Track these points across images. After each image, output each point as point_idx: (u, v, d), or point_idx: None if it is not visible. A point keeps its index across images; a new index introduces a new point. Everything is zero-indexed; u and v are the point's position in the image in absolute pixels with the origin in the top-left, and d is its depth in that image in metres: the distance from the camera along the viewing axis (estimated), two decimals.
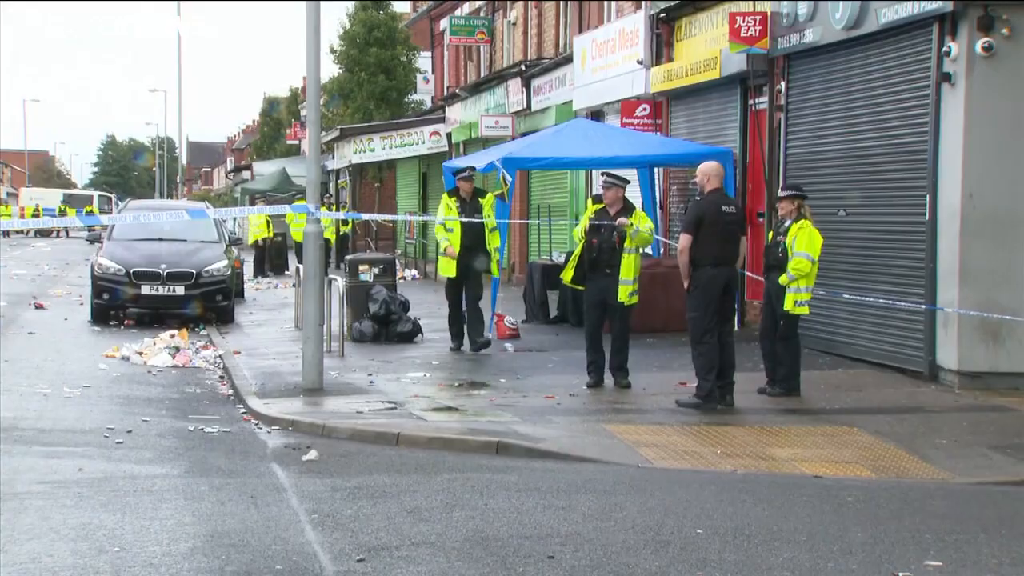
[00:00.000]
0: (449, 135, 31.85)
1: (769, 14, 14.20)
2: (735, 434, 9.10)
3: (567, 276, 11.28)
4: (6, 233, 53.93)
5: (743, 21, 14.22)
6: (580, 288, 11.27)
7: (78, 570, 5.32)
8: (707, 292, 9.99)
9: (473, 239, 13.30)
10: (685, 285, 10.15)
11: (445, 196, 13.64)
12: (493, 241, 13.51)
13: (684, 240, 10.07)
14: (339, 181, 42.56)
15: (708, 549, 5.86)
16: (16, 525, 6.07)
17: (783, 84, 14.22)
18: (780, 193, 10.80)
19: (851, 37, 12.60)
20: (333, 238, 29.11)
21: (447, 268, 13.46)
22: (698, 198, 10.50)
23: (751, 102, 15.27)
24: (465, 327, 13.68)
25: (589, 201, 11.22)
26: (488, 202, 13.52)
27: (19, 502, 6.58)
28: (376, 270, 15.71)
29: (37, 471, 7.47)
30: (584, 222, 10.95)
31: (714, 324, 10.02)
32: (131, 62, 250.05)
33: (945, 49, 11.02)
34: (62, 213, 58.44)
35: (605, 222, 10.73)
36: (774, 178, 14.42)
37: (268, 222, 28.83)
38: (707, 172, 10.24)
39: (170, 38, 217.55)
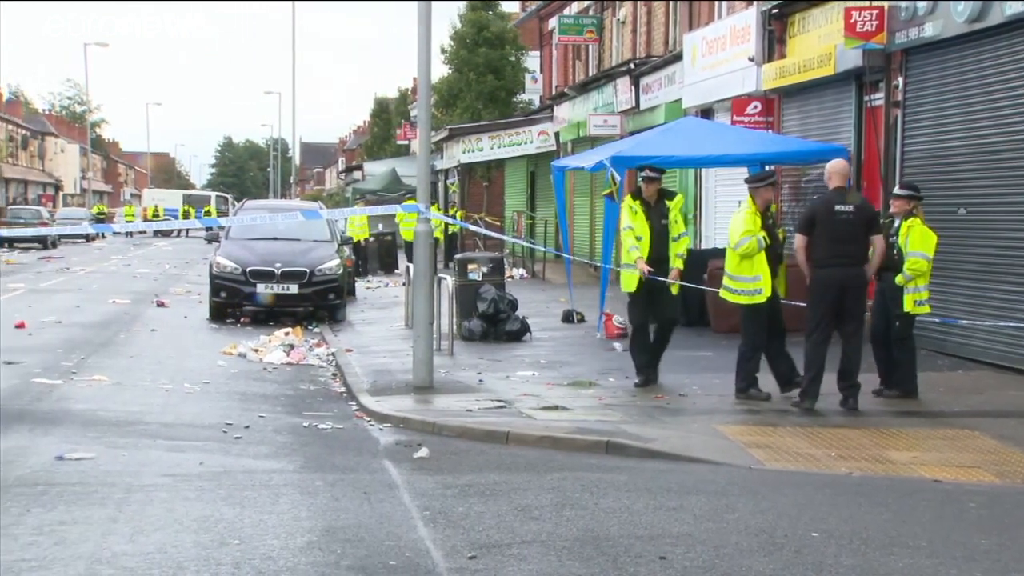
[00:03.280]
0: (557, 134, 31.88)
1: (886, 8, 13.87)
2: (850, 436, 8.92)
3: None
4: (129, 233, 55.92)
5: (859, 16, 13.93)
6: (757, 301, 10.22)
7: (201, 561, 5.47)
8: (816, 292, 9.87)
9: (663, 249, 11.05)
10: (807, 283, 10.05)
11: (628, 199, 11.37)
12: (676, 249, 11.12)
13: (798, 240, 9.98)
14: (449, 182, 42.92)
15: (824, 553, 5.75)
16: (143, 516, 6.28)
17: (901, 80, 13.88)
18: (897, 191, 10.55)
19: (974, 30, 12.24)
20: (442, 237, 29.37)
21: (629, 282, 11.10)
22: (815, 196, 10.33)
23: (866, 98, 14.94)
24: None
25: (749, 202, 10.40)
26: (677, 205, 11.23)
27: (145, 494, 6.80)
28: (485, 269, 15.82)
29: (161, 464, 7.70)
30: (757, 228, 10.14)
31: (821, 325, 9.82)
32: (247, 64, 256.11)
33: None
34: (185, 215, 60.48)
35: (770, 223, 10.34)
36: (890, 176, 14.09)
37: (367, 223, 29.14)
38: (829, 170, 10.08)
39: (284, 40, 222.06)
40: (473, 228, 20.04)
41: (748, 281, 10.24)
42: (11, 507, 6.36)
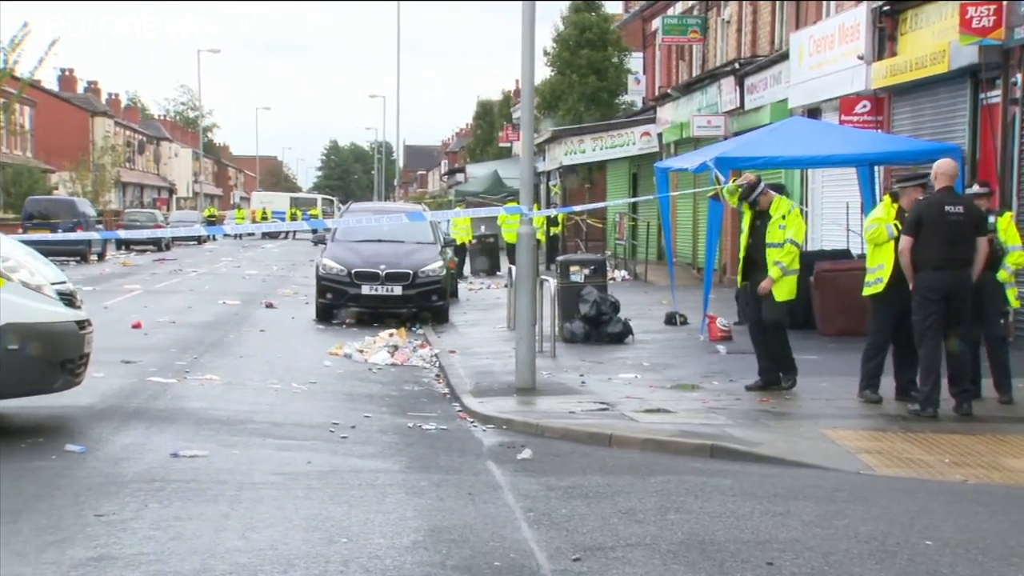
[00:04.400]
0: (660, 135, 31.68)
1: (1005, 3, 13.48)
2: (964, 442, 8.68)
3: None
4: (239, 235, 57.29)
5: (975, 12, 13.57)
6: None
7: (310, 558, 5.56)
8: (924, 296, 9.59)
9: (756, 251, 11.03)
10: (910, 286, 9.81)
11: (746, 206, 11.28)
12: (773, 255, 10.86)
13: (903, 241, 9.71)
14: (551, 184, 42.98)
15: (939, 562, 5.60)
16: (254, 513, 6.41)
17: (1020, 76, 13.47)
18: (979, 190, 10.29)
19: None
20: (544, 239, 29.40)
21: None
22: (920, 197, 10.08)
23: (982, 96, 14.54)
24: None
25: (887, 198, 10.46)
26: (777, 208, 11.00)
27: (256, 492, 6.94)
28: (587, 271, 15.81)
29: (271, 463, 7.84)
30: (889, 218, 10.11)
31: (932, 329, 9.57)
32: (353, 68, 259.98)
33: None
34: (292, 217, 61.78)
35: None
36: (1007, 176, 13.69)
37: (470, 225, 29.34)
38: (936, 170, 9.83)
39: (388, 43, 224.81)
40: (579, 209, 19.79)
41: (873, 271, 10.14)
42: (130, 502, 6.56)
